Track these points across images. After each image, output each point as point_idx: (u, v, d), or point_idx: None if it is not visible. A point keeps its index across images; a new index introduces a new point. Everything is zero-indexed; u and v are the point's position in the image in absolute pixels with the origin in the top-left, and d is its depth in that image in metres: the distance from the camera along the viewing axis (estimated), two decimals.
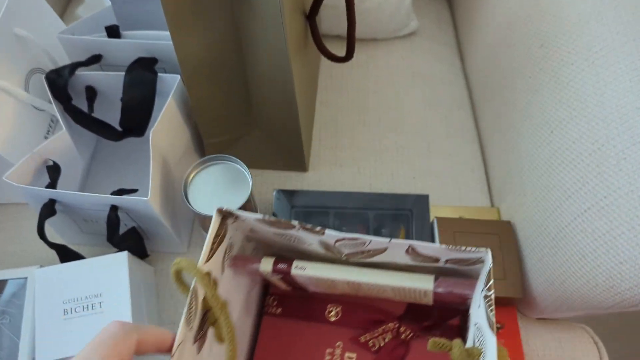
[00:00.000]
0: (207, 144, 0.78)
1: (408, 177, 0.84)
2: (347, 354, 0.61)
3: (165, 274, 0.75)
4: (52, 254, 0.77)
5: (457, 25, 1.02)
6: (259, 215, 0.47)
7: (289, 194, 0.77)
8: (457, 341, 0.46)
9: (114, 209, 0.64)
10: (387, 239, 0.45)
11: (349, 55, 0.72)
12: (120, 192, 0.66)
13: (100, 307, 0.63)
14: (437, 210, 0.80)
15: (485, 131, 0.88)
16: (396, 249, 0.46)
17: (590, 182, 0.60)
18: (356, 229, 0.75)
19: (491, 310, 0.43)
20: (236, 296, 0.56)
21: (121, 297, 0.63)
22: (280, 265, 0.52)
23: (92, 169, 0.81)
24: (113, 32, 0.72)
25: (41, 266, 0.70)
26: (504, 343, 0.71)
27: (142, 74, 0.69)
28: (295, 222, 0.46)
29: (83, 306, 0.63)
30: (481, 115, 0.89)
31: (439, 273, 0.51)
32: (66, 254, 0.69)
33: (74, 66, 0.69)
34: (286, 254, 0.56)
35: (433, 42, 0.98)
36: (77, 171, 0.77)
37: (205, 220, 0.66)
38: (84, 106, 0.72)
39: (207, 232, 0.69)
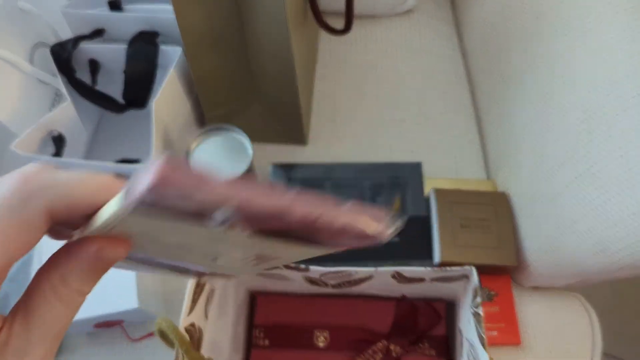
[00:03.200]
0: (207, 117, 0.80)
1: (406, 150, 0.85)
2: None
3: None
4: None
5: (455, 1, 1.03)
6: None
7: (285, 168, 0.78)
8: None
9: None
10: (373, 269, 0.44)
11: (347, 27, 0.73)
12: (124, 162, 0.68)
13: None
14: (434, 183, 0.82)
15: (481, 105, 0.89)
16: (382, 276, 0.45)
17: (581, 149, 0.61)
18: (353, 199, 0.77)
19: (482, 327, 0.43)
20: (223, 336, 0.56)
21: None
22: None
23: (95, 141, 0.83)
24: (115, 6, 0.73)
25: None
26: (499, 311, 0.73)
27: (144, 47, 0.70)
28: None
29: None
30: (478, 89, 0.90)
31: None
32: None
33: (78, 39, 0.71)
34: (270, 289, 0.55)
35: (431, 18, 0.99)
36: (81, 143, 0.78)
37: None
38: (87, 79, 0.73)
39: None
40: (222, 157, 0.67)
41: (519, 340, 0.71)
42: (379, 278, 0.46)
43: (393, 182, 0.78)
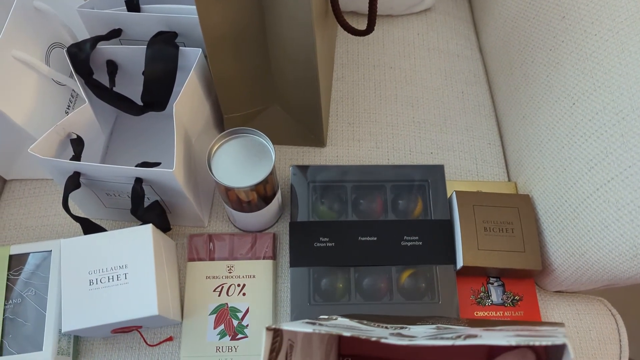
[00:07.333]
0: (226, 118, 0.78)
1: (425, 151, 0.84)
2: None
3: (186, 247, 0.76)
4: (72, 229, 0.78)
5: (473, 0, 1.01)
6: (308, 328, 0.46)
7: (305, 170, 0.77)
8: None
9: (138, 181, 0.64)
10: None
11: (370, 28, 0.71)
12: (144, 165, 0.67)
13: (125, 278, 0.64)
14: (455, 185, 0.81)
15: (501, 105, 0.88)
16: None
17: (614, 152, 0.60)
18: (374, 202, 0.76)
19: None
20: None
21: (146, 269, 0.64)
22: None
23: (111, 144, 0.81)
24: (133, 5, 0.72)
25: None
26: (523, 315, 0.72)
27: (164, 48, 0.69)
28: (375, 335, 0.45)
29: (108, 277, 0.64)
30: (497, 89, 0.89)
31: None
32: (89, 227, 0.69)
33: (95, 40, 0.69)
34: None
35: (449, 17, 0.98)
36: (99, 145, 0.77)
37: (228, 193, 0.66)
38: (105, 80, 0.72)
39: (229, 205, 0.70)
40: (244, 161, 0.66)
41: None
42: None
43: (415, 185, 0.77)
